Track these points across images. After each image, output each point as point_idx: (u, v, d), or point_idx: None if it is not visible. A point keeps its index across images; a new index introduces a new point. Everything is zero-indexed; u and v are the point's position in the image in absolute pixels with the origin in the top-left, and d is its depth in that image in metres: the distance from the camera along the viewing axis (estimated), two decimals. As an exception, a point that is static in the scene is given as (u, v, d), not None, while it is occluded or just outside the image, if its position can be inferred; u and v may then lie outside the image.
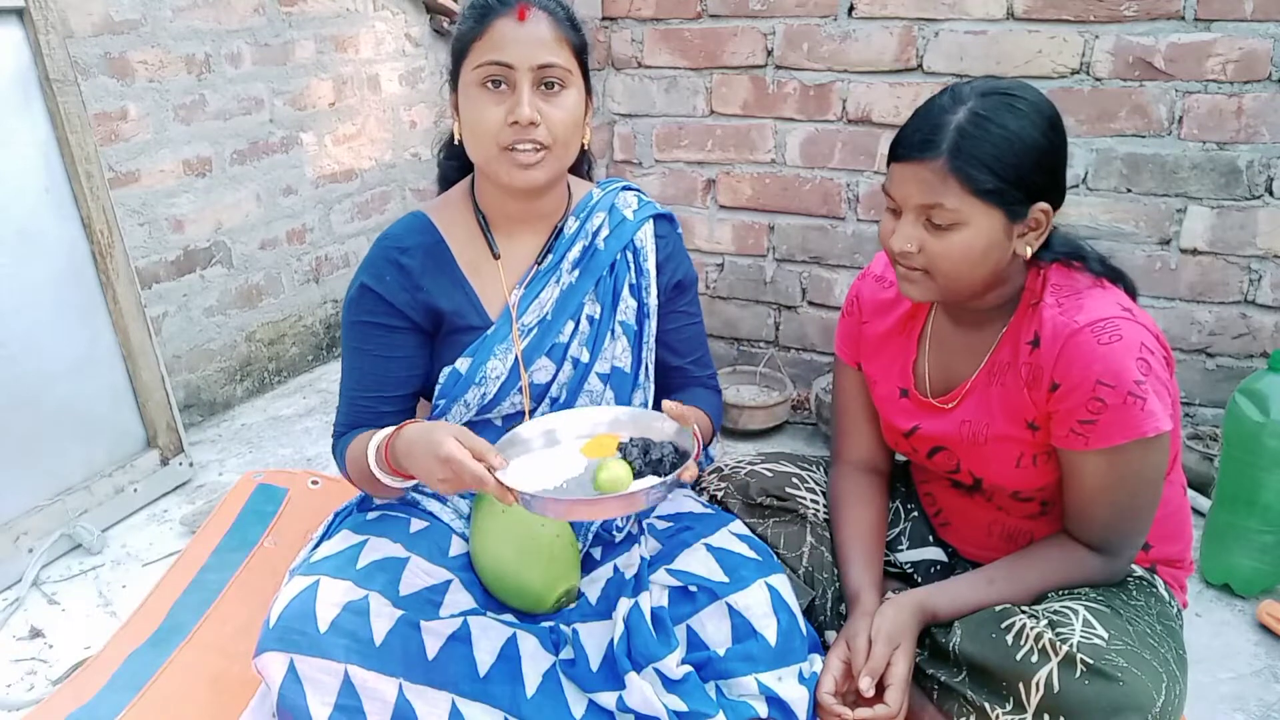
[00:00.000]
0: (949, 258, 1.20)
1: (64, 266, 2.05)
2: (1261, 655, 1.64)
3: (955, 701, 1.24)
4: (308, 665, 1.17)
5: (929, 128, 1.18)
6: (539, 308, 1.40)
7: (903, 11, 2.21)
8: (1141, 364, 1.17)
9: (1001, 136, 1.16)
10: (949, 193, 1.16)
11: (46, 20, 1.97)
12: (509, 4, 1.25)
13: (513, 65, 1.25)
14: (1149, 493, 1.26)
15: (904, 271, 1.26)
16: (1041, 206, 1.21)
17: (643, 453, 1.23)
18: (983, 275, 1.23)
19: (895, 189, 1.23)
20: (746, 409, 2.42)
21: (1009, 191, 1.17)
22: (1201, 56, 2.01)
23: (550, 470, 1.24)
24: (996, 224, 1.19)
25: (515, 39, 1.25)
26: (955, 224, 1.18)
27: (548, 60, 1.25)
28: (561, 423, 1.32)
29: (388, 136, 3.22)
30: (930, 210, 1.18)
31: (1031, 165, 1.17)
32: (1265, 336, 2.14)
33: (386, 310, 1.35)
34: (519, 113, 1.24)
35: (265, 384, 2.89)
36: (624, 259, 1.44)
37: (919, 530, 1.54)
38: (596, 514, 1.29)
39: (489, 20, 1.26)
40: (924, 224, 1.20)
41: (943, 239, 1.19)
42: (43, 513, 1.99)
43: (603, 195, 1.46)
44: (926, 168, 1.17)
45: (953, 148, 1.16)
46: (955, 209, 1.17)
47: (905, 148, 1.21)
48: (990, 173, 1.15)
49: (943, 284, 1.23)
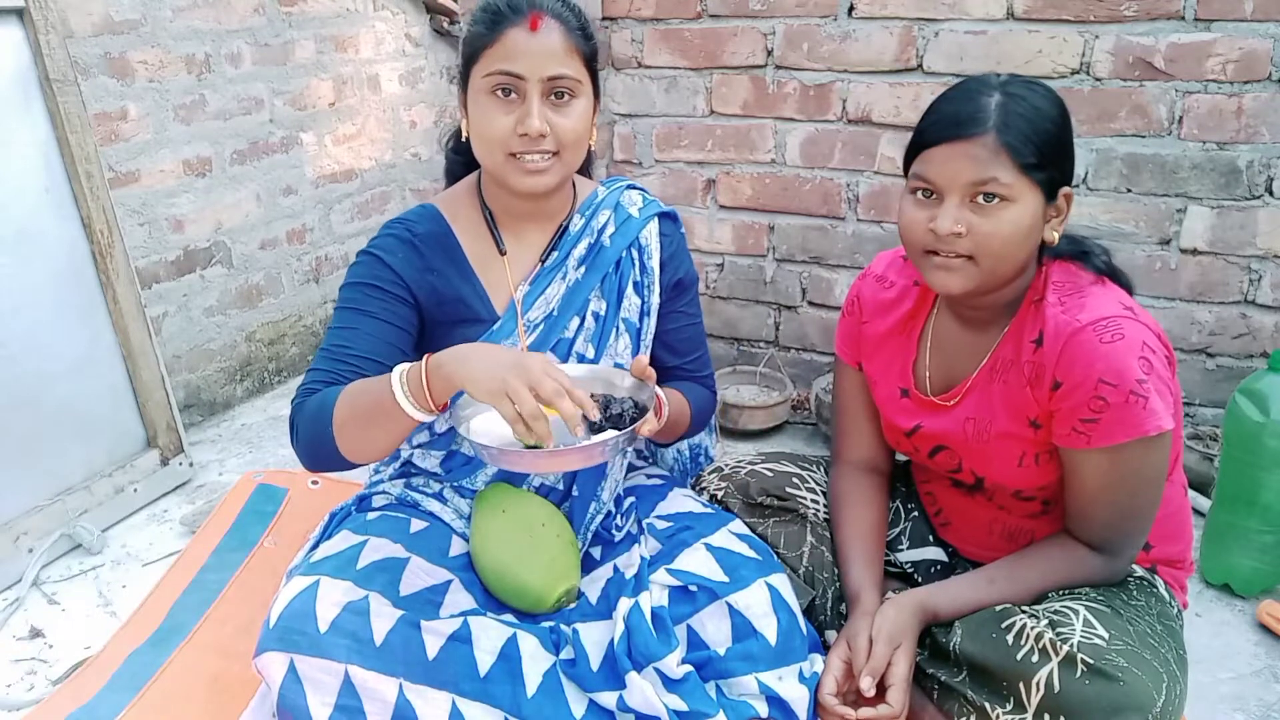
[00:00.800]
0: (999, 235, 1.18)
1: (64, 266, 2.05)
2: (1261, 655, 1.64)
3: (955, 701, 1.24)
4: (308, 665, 1.17)
5: (971, 108, 1.19)
6: (545, 303, 1.40)
7: (903, 11, 2.21)
8: (1143, 363, 1.17)
9: (1037, 115, 1.18)
10: (1002, 166, 1.16)
11: (46, 20, 1.97)
12: (521, 12, 1.25)
13: (523, 76, 1.24)
14: (1150, 492, 1.26)
15: (942, 260, 1.22)
16: (1066, 191, 1.22)
17: (603, 408, 1.23)
18: (1021, 258, 1.23)
19: (939, 170, 1.20)
20: (746, 409, 2.42)
21: (1048, 169, 1.19)
22: (1201, 56, 2.01)
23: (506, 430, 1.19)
24: (1038, 203, 1.20)
25: (527, 50, 1.24)
26: (1006, 200, 1.17)
27: (558, 72, 1.25)
28: None
29: (388, 136, 3.22)
30: (983, 186, 1.17)
31: (1060, 146, 1.20)
32: (1265, 336, 2.14)
33: (393, 279, 1.33)
34: (528, 125, 1.24)
35: (265, 384, 2.89)
36: (629, 256, 1.44)
37: (919, 530, 1.54)
38: (556, 466, 1.26)
39: (501, 28, 1.25)
40: (969, 205, 1.19)
41: (992, 217, 1.18)
42: (43, 513, 1.99)
43: (608, 193, 1.47)
44: (977, 143, 1.17)
45: (1000, 124, 1.16)
46: (1009, 183, 1.17)
47: (948, 128, 1.19)
48: (1034, 148, 1.17)
49: (987, 268, 1.21)
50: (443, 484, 1.49)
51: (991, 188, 1.17)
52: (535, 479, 1.47)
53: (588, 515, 1.46)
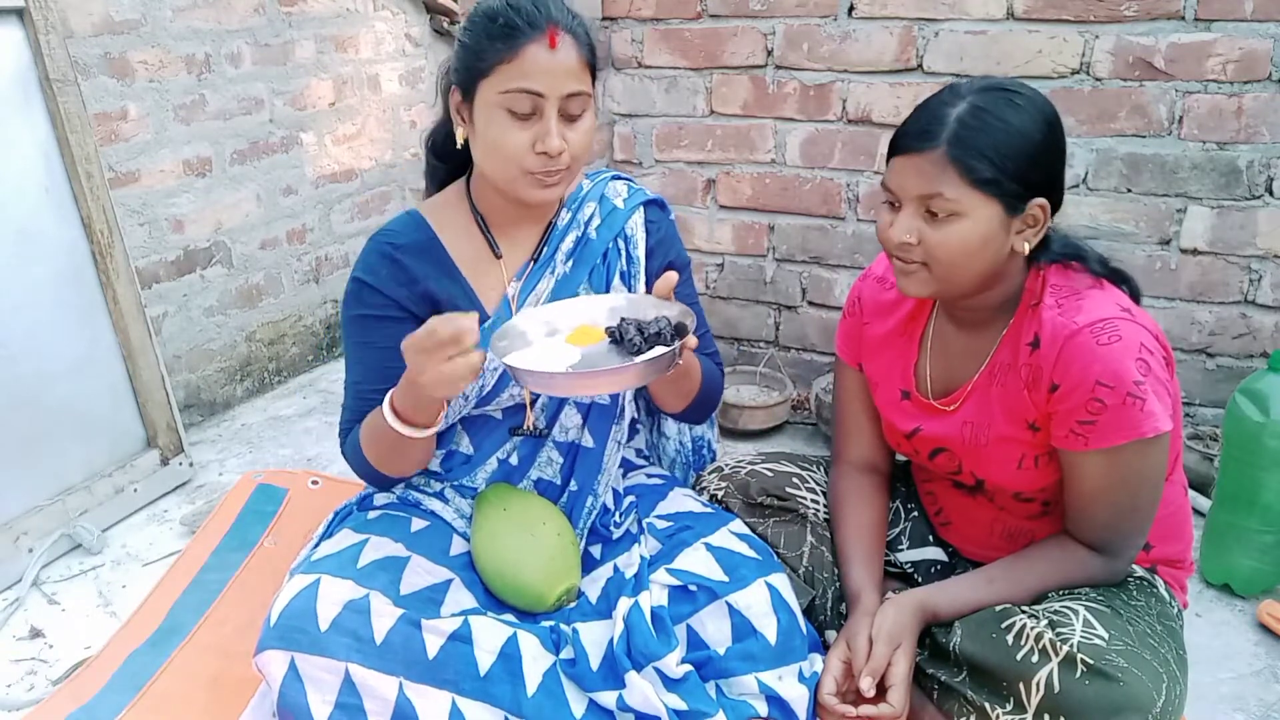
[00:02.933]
0: (946, 248, 1.20)
1: (64, 266, 2.05)
2: (1261, 655, 1.64)
3: (955, 701, 1.24)
4: (309, 664, 1.17)
5: (928, 119, 1.20)
6: (535, 299, 1.40)
7: (903, 11, 2.21)
8: (1141, 364, 1.17)
9: (1000, 129, 1.17)
10: (947, 182, 1.17)
11: (46, 20, 1.97)
12: (540, 28, 1.22)
13: (544, 95, 1.23)
14: (1149, 493, 1.26)
15: (901, 266, 1.26)
16: (1039, 202, 1.21)
17: (638, 330, 1.22)
18: (980, 269, 1.23)
19: (894, 181, 1.23)
20: (746, 409, 2.42)
21: (1006, 183, 1.17)
22: (1201, 56, 2.01)
23: (550, 361, 1.22)
24: (994, 216, 1.19)
25: (548, 69, 1.23)
26: (954, 214, 1.19)
27: (576, 89, 1.25)
28: (558, 313, 1.32)
29: (388, 136, 3.23)
30: (929, 200, 1.19)
31: (1028, 159, 1.18)
32: (1265, 336, 2.14)
33: (383, 303, 1.35)
34: (549, 144, 1.24)
35: (265, 384, 2.89)
36: (615, 247, 1.45)
37: (919, 530, 1.54)
38: (617, 384, 1.21)
39: (519, 44, 1.22)
40: (923, 215, 1.21)
41: (941, 229, 1.20)
42: (43, 513, 1.99)
43: (593, 186, 1.47)
44: (925, 158, 1.18)
45: (951, 138, 1.17)
46: (954, 199, 1.17)
47: (904, 140, 1.22)
48: (988, 163, 1.16)
49: (940, 276, 1.23)
50: (443, 483, 1.49)
51: (937, 204, 1.19)
52: (534, 474, 1.47)
53: (585, 508, 1.46)
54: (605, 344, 1.25)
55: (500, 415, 1.46)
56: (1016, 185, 1.18)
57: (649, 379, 1.19)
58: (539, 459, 1.48)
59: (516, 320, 1.30)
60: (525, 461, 1.48)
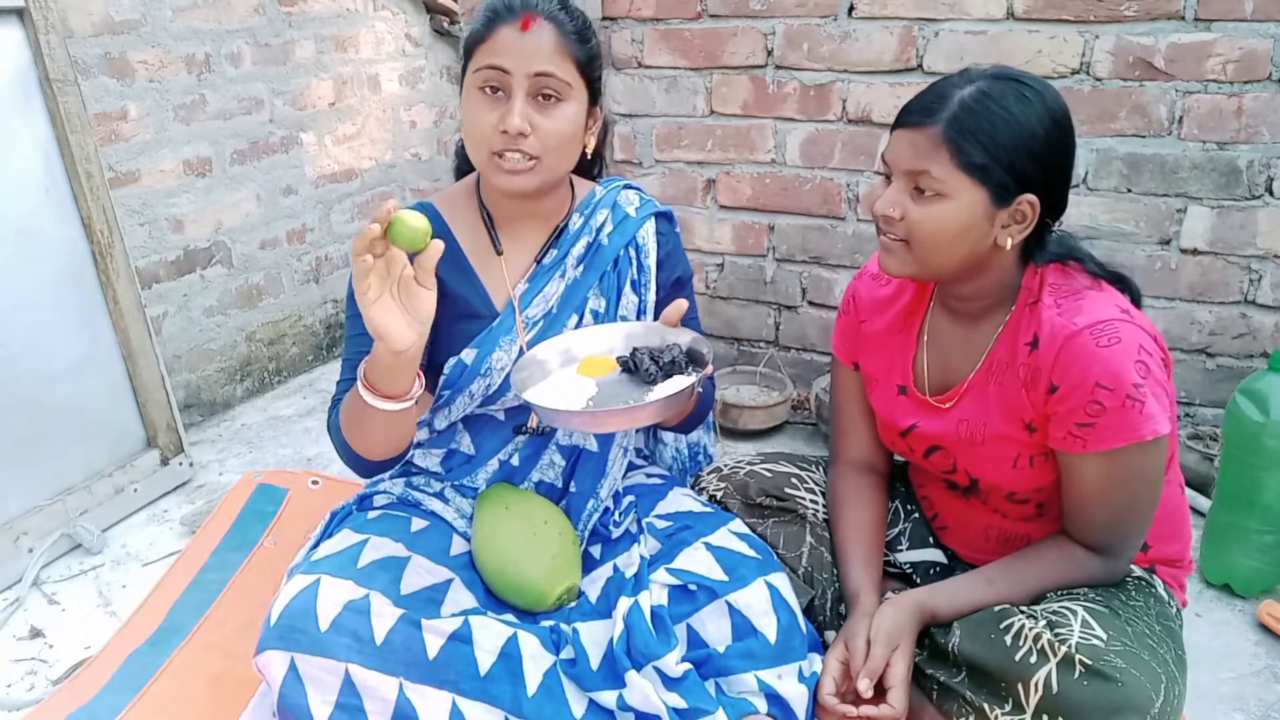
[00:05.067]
0: (925, 227, 1.21)
1: (64, 266, 2.05)
2: (1261, 655, 1.64)
3: (954, 702, 1.24)
4: (309, 664, 1.17)
5: (933, 97, 1.20)
6: (544, 301, 1.40)
7: (903, 11, 2.21)
8: (1140, 366, 1.17)
9: (1000, 117, 1.17)
10: (937, 160, 1.18)
11: (46, 20, 1.97)
12: (515, 12, 1.26)
13: (508, 71, 1.25)
14: (1148, 494, 1.26)
15: (884, 241, 1.27)
16: (1028, 198, 1.20)
17: (652, 359, 1.22)
18: (959, 254, 1.23)
19: (891, 153, 1.25)
20: (746, 409, 2.42)
21: (997, 172, 1.17)
22: (1201, 56, 2.01)
23: (568, 392, 1.24)
24: (978, 203, 1.19)
25: (516, 47, 1.25)
26: (939, 194, 1.19)
27: (544, 69, 1.25)
28: (576, 342, 1.35)
29: (388, 136, 3.23)
30: (917, 177, 1.20)
31: (1025, 152, 1.17)
32: (1265, 336, 2.14)
33: None
34: (509, 122, 1.24)
35: (265, 384, 2.89)
36: (626, 255, 1.45)
37: (919, 531, 1.54)
38: (641, 420, 1.20)
39: (494, 25, 1.26)
40: (910, 192, 1.22)
41: (924, 208, 1.21)
42: (43, 513, 1.99)
43: (605, 193, 1.47)
44: (922, 134, 1.19)
45: (950, 118, 1.17)
46: (940, 178, 1.18)
47: (907, 114, 1.23)
48: (981, 149, 1.16)
49: (918, 257, 1.24)
50: (444, 483, 1.50)
51: (924, 181, 1.19)
52: (535, 476, 1.48)
53: (585, 511, 1.46)
54: (618, 373, 1.27)
55: (503, 415, 1.46)
56: (1007, 176, 1.18)
57: (668, 413, 1.20)
58: (541, 461, 1.48)
59: (536, 351, 1.32)
60: (527, 463, 1.48)
